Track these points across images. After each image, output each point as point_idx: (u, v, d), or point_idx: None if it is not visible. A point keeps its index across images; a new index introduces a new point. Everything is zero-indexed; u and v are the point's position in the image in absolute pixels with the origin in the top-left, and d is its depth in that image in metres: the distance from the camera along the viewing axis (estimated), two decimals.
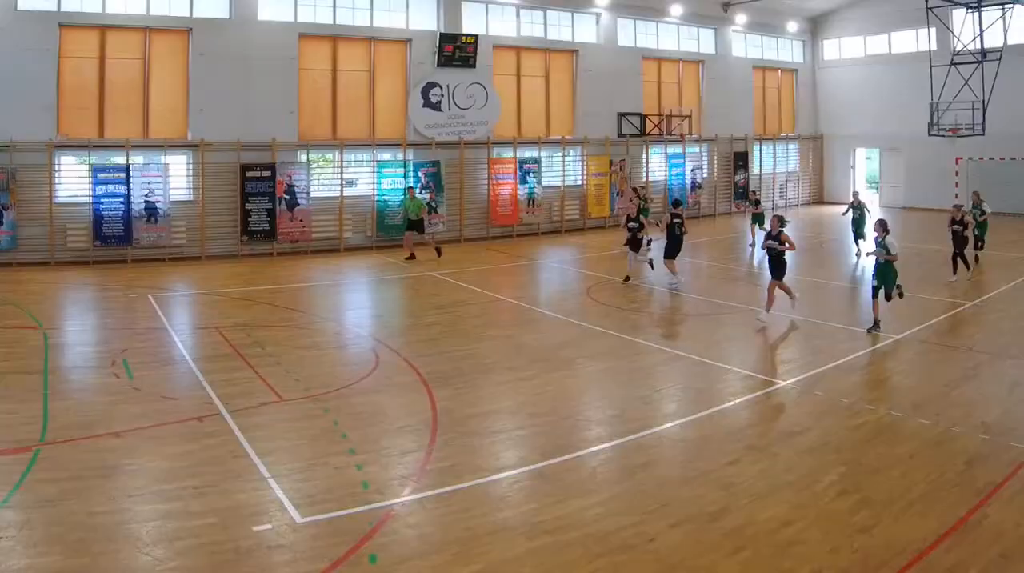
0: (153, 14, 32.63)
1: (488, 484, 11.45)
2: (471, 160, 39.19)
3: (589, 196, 42.59)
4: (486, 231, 39.29)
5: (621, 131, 44.00)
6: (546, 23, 41.98)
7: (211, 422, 13.64)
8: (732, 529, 9.96)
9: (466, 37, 38.53)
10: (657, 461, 12.36)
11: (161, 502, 10.65)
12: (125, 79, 32.44)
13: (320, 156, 36.42)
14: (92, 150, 31.57)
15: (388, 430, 13.59)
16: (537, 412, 14.45)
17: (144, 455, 12.26)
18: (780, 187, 51.67)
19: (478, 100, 39.39)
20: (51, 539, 9.57)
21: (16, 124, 29.80)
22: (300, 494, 10.93)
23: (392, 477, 11.65)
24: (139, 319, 22.02)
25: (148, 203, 31.98)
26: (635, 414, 14.38)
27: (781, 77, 52.37)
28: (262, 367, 16.93)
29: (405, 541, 9.81)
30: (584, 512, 10.43)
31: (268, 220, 34.04)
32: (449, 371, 16.90)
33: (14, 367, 16.74)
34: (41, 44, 30.50)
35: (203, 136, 32.97)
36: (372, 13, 37.11)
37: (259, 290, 26.52)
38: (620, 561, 9.25)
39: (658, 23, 45.95)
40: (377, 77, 37.45)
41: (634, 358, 18.10)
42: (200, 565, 9.16)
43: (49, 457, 11.94)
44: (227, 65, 33.46)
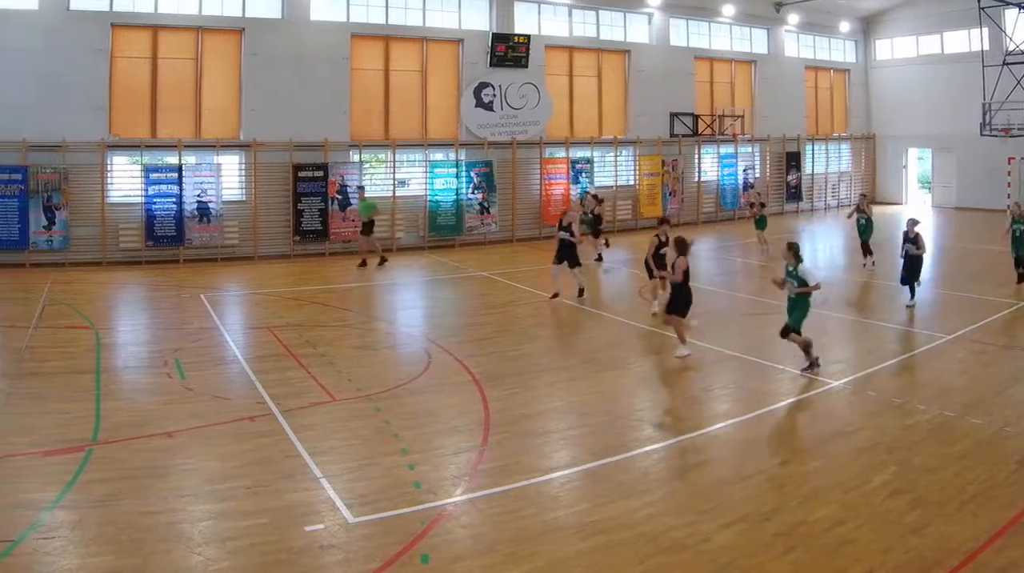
0: (205, 14, 31.39)
1: (540, 484, 11.10)
2: (523, 160, 37.60)
3: (641, 196, 40.76)
4: (538, 231, 37.57)
5: (673, 131, 42.10)
6: (598, 23, 40.19)
7: (263, 422, 13.26)
8: (784, 529, 9.66)
9: (518, 37, 36.95)
10: (709, 461, 12.01)
11: (213, 502, 10.38)
12: (177, 79, 31.19)
13: (372, 156, 35.08)
14: (144, 150, 30.41)
15: (440, 430, 13.18)
16: (589, 412, 14.02)
17: (196, 455, 11.98)
18: (832, 187, 49.55)
19: (530, 100, 37.71)
20: (103, 539, 9.32)
21: (68, 124, 28.68)
22: (352, 494, 10.59)
23: (444, 477, 11.32)
24: (191, 319, 21.21)
25: (200, 203, 30.76)
26: (687, 414, 14.15)
27: (833, 77, 50.07)
28: (314, 367, 16.38)
29: (457, 541, 9.52)
30: (636, 512, 10.12)
31: (320, 220, 32.74)
32: (501, 371, 16.37)
33: (67, 367, 16.28)
34: (93, 44, 29.30)
35: (255, 136, 31.66)
36: (424, 13, 35.61)
37: (311, 290, 25.54)
38: (672, 561, 8.98)
39: (710, 23, 43.97)
40: (429, 77, 35.90)
41: (686, 358, 17.23)
42: (252, 565, 8.93)
43: (101, 457, 11.62)
44: (279, 65, 32.14)
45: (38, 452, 11.71)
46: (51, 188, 28.63)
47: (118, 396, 14.64)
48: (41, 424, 12.94)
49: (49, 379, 15.62)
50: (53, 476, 10.93)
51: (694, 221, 42.54)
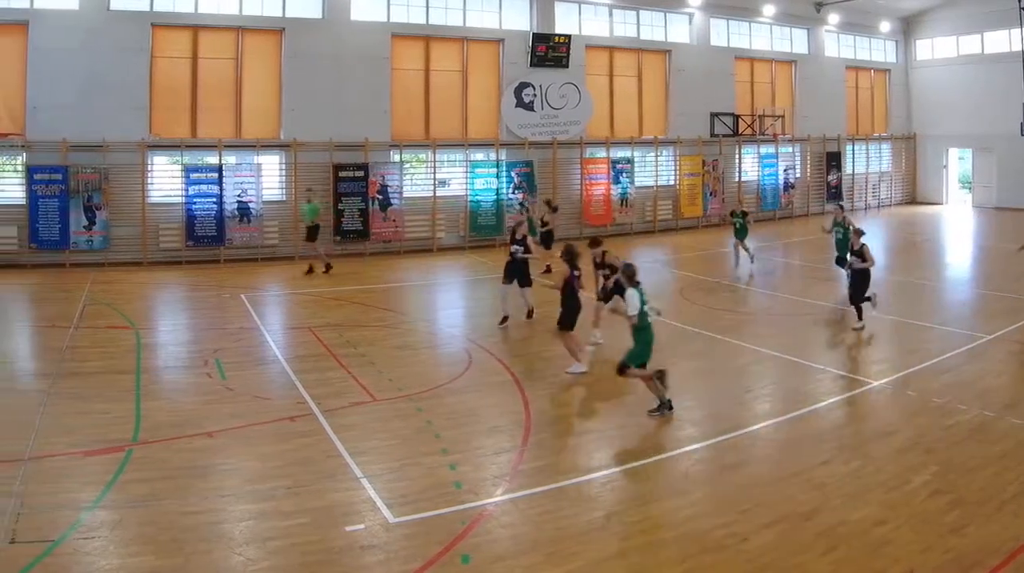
0: (246, 14, 30.39)
1: (581, 484, 10.82)
2: (564, 160, 36.31)
3: (682, 196, 39.33)
4: (579, 231, 35.97)
5: (714, 131, 40.64)
6: (639, 23, 38.77)
7: (304, 422, 12.99)
8: (824, 529, 9.44)
9: (559, 37, 35.69)
10: (749, 461, 11.70)
11: (253, 502, 10.18)
12: (217, 79, 30.21)
13: (413, 156, 33.95)
14: (184, 150, 29.50)
15: (481, 430, 12.90)
16: (629, 412, 13.60)
17: (236, 455, 11.75)
18: (873, 187, 47.86)
19: (571, 100, 36.39)
20: (143, 539, 9.16)
21: (109, 124, 27.79)
22: (393, 494, 10.36)
23: (485, 477, 11.06)
24: (232, 319, 20.65)
25: (241, 203, 29.79)
26: (727, 414, 13.62)
27: (874, 77, 48.30)
28: (355, 367, 15.98)
29: (498, 541, 9.31)
30: (677, 512, 9.95)
31: (361, 220, 31.66)
32: (542, 371, 16.09)
33: (107, 367, 15.95)
34: (134, 44, 28.38)
35: (295, 136, 30.63)
36: (465, 13, 34.42)
37: (352, 290, 24.68)
38: (712, 561, 8.80)
39: (751, 23, 42.39)
40: (470, 77, 34.69)
41: (727, 358, 17.10)
42: (292, 565, 8.75)
43: (141, 457, 11.42)
44: (319, 65, 31.08)
45: (78, 452, 11.46)
46: (91, 188, 27.76)
47: (158, 396, 14.33)
48: (81, 424, 12.65)
49: (89, 379, 15.20)
50: (93, 476, 10.72)
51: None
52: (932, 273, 28.57)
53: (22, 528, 9.23)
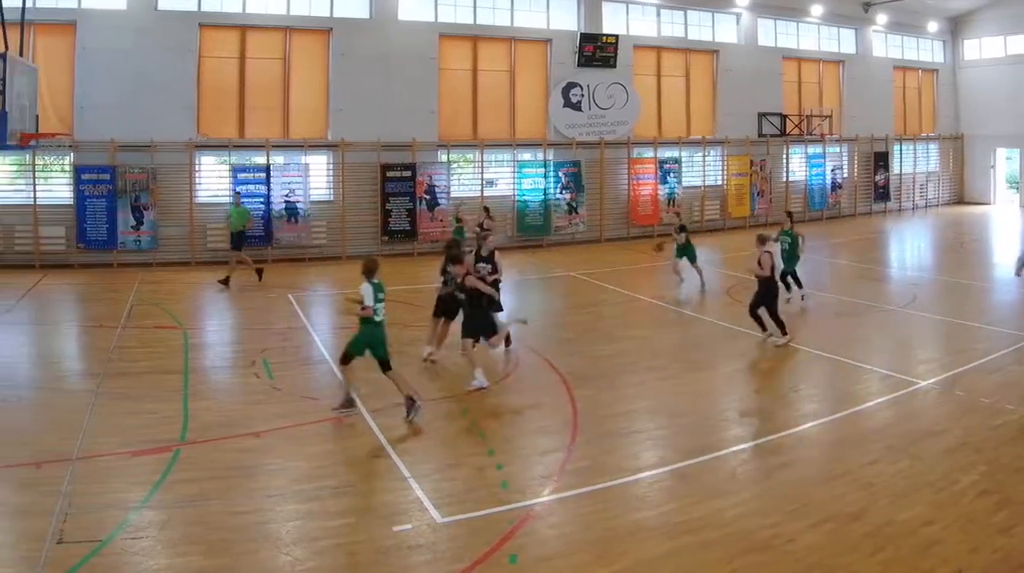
0: (293, 14, 29.05)
1: (628, 484, 10.42)
2: (611, 160, 34.60)
3: (729, 196, 37.50)
4: (626, 231, 34.70)
5: (762, 131, 38.69)
6: (686, 23, 36.92)
7: (352, 422, 12.51)
8: (872, 529, 9.07)
9: (607, 37, 33.97)
10: (796, 461, 11.20)
11: (301, 502, 9.83)
12: (265, 79, 28.92)
13: (460, 156, 32.37)
14: (232, 150, 28.28)
15: (528, 430, 12.54)
16: (676, 412, 13.25)
17: (284, 455, 11.33)
18: (920, 187, 45.61)
19: (618, 100, 34.64)
20: (191, 539, 8.86)
21: (156, 124, 26.65)
22: (440, 494, 9.99)
23: (532, 477, 10.67)
24: (279, 319, 19.87)
25: (288, 203, 28.49)
26: (774, 414, 13.20)
27: (921, 77, 45.90)
28: (402, 367, 14.48)
29: (545, 541, 9.02)
30: (724, 512, 9.52)
31: (408, 220, 30.23)
32: (589, 371, 15.31)
33: (155, 367, 15.44)
34: (181, 44, 27.19)
35: (343, 136, 29.29)
36: (512, 13, 32.83)
37: (399, 290, 22.82)
38: (760, 561, 8.45)
39: (798, 23, 40.33)
40: (517, 77, 33.05)
41: (773, 358, 16.35)
42: (340, 565, 8.51)
43: (189, 457, 11.07)
44: (367, 65, 29.68)
45: (126, 452, 11.10)
46: (139, 188, 26.62)
47: (206, 396, 13.86)
48: (129, 424, 12.24)
49: (137, 379, 14.68)
50: (141, 476, 10.37)
51: (782, 221, 38.97)
52: (980, 273, 26.91)
53: (70, 528, 8.89)
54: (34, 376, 15.32)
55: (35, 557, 8.29)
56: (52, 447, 11.15)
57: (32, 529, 8.87)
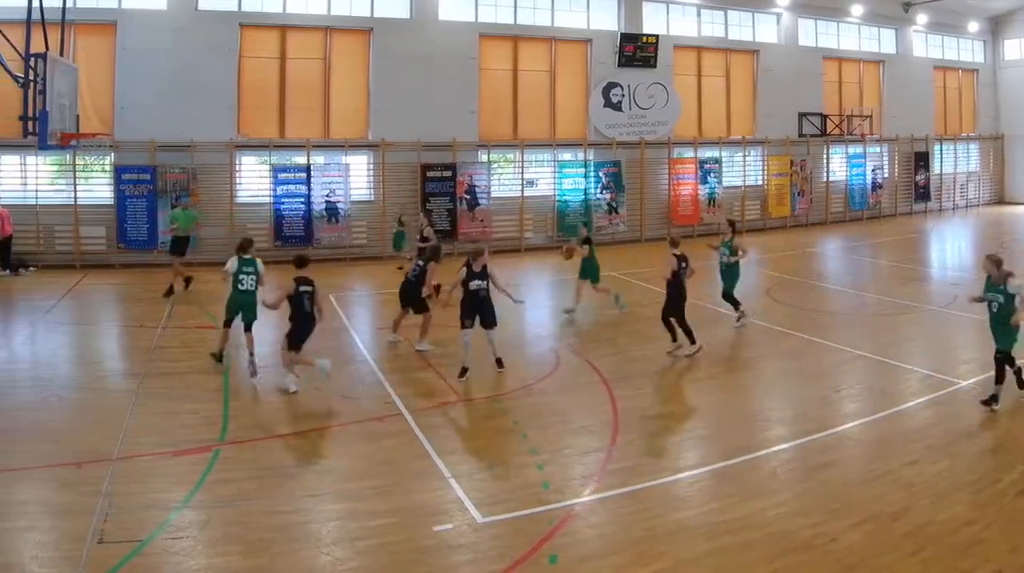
0: (334, 14, 27.73)
1: (668, 484, 10.04)
2: (652, 160, 32.90)
3: (770, 196, 35.66)
4: (667, 231, 32.54)
5: (802, 131, 36.78)
6: (727, 23, 35.12)
7: (392, 422, 12.05)
8: (912, 529, 8.71)
9: (647, 37, 32.32)
10: (837, 461, 10.71)
11: (341, 502, 9.51)
12: (306, 79, 27.62)
13: (501, 156, 30.84)
14: (272, 150, 26.97)
15: (569, 430, 11.89)
16: (718, 412, 12.78)
17: (324, 455, 11.02)
18: (961, 187, 43.45)
19: (658, 100, 32.97)
20: (231, 539, 8.55)
21: (197, 124, 25.47)
22: (481, 494, 9.63)
23: (573, 477, 10.26)
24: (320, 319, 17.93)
25: (329, 203, 27.20)
26: (815, 414, 12.54)
27: (962, 77, 43.67)
28: (443, 367, 14.78)
29: (585, 541, 8.67)
30: (765, 512, 9.16)
31: (449, 220, 28.78)
32: (629, 371, 14.72)
33: (195, 367, 14.84)
34: (222, 44, 25.98)
35: (384, 136, 27.94)
36: (553, 13, 31.26)
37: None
38: (801, 561, 8.11)
39: (839, 23, 38.33)
40: (558, 77, 31.45)
41: (815, 358, 15.63)
42: (380, 565, 8.12)
43: (229, 457, 10.69)
44: (408, 65, 28.29)
45: (167, 452, 10.73)
46: (179, 188, 25.41)
47: (246, 396, 13.37)
48: (170, 424, 11.82)
49: (178, 379, 14.11)
50: (182, 476, 10.03)
51: (823, 221, 37.44)
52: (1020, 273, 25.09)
53: (110, 528, 8.59)
54: (75, 376, 14.69)
55: (76, 557, 7.99)
56: (93, 447, 10.75)
57: (73, 529, 8.55)
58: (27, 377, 14.35)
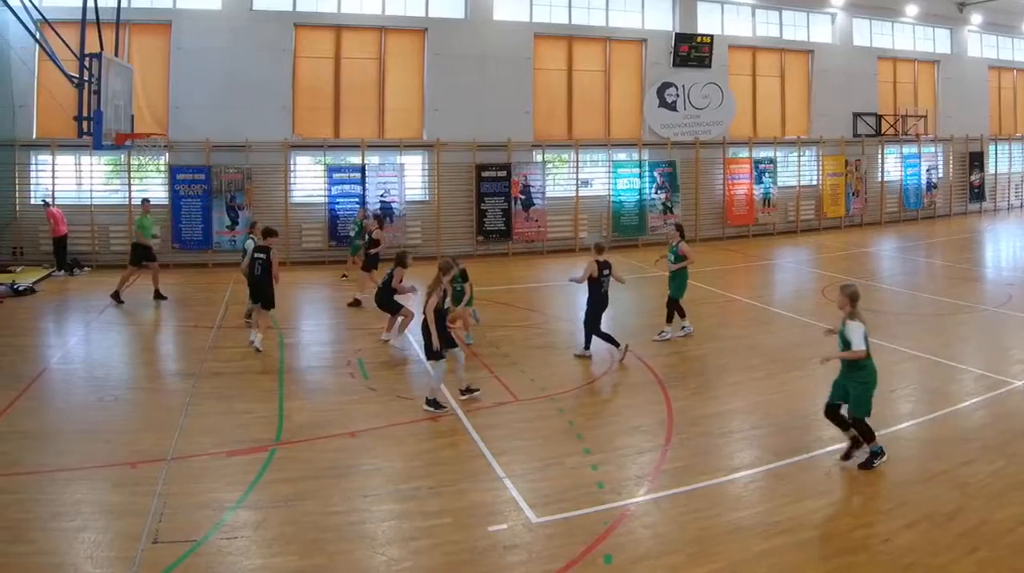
0: (389, 14, 25.67)
1: (723, 484, 9.26)
2: (706, 160, 30.41)
3: (825, 196, 32.89)
4: (721, 231, 30.56)
5: (856, 131, 33.96)
6: (781, 23, 32.42)
7: (446, 422, 11.36)
8: (967, 529, 8.04)
9: (702, 37, 29.85)
10: (892, 461, 9.71)
11: (396, 502, 8.87)
12: (360, 79, 25.60)
13: (555, 156, 28.54)
14: (327, 150, 25.00)
15: (623, 430, 11.19)
16: (772, 412, 11.82)
17: (379, 455, 10.25)
18: (1016, 187, 40.25)
19: (713, 100, 30.46)
20: (286, 538, 7.96)
21: (252, 124, 23.65)
22: (535, 494, 8.94)
23: (627, 477, 9.50)
24: (374, 319, 17.06)
25: (384, 203, 25.18)
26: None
27: (1016, 77, 40.30)
28: (497, 367, 13.91)
29: (640, 541, 8.00)
30: (818, 512, 8.53)
31: (503, 220, 26.65)
32: (684, 371, 13.91)
33: (250, 367, 13.97)
34: (276, 44, 24.10)
35: (439, 136, 25.85)
36: (608, 13, 28.93)
37: (494, 290, 20.74)
38: (855, 561, 7.50)
39: (893, 23, 35.37)
40: (612, 77, 29.09)
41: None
42: (435, 565, 7.54)
43: (284, 457, 10.05)
44: (462, 65, 26.20)
45: (221, 452, 10.10)
46: (234, 188, 23.64)
47: (301, 396, 12.48)
48: (225, 424, 11.14)
49: (232, 379, 13.27)
50: (236, 476, 9.43)
51: (878, 221, 34.70)
52: None
53: (165, 528, 8.09)
54: (130, 376, 13.82)
55: (130, 557, 7.51)
56: (148, 447, 10.17)
57: (128, 529, 8.04)
58: (82, 377, 13.46)
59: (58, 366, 14.00)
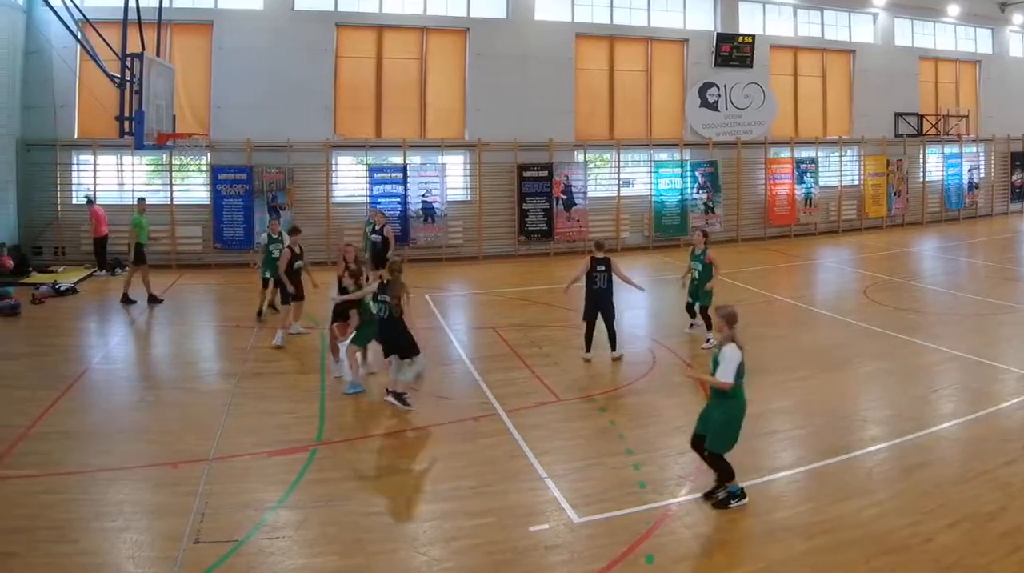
0: (430, 14, 24.06)
1: (764, 484, 8.60)
2: (748, 160, 28.37)
3: (866, 196, 30.69)
4: (763, 231, 28.53)
5: (898, 131, 31.74)
6: (823, 23, 30.31)
7: (488, 422, 10.57)
8: (1010, 529, 7.52)
9: (743, 37, 27.88)
10: (934, 461, 9.23)
11: (437, 502, 8.31)
12: (402, 79, 23.97)
13: (597, 156, 26.71)
14: (369, 150, 23.42)
15: (665, 430, 10.27)
16: (813, 412, 10.92)
17: (420, 455, 9.63)
18: None
19: (755, 100, 28.44)
20: (327, 538, 7.47)
21: (293, 124, 22.11)
22: (577, 494, 8.40)
23: (669, 477, 8.87)
24: (416, 319, 15.45)
25: (425, 203, 23.61)
26: (911, 414, 10.78)
27: None
28: (539, 367, 13.08)
29: (682, 541, 7.47)
30: (861, 512, 7.89)
31: (545, 220, 24.88)
32: None
33: (292, 367, 13.25)
34: (318, 44, 22.60)
35: (480, 136, 24.19)
36: (649, 13, 27.10)
37: (536, 290, 19.76)
38: (897, 561, 7.03)
39: (935, 23, 33.05)
40: (654, 77, 27.22)
41: (911, 358, 13.69)
42: (477, 565, 7.07)
43: (325, 457, 9.37)
44: (504, 65, 24.49)
45: (263, 452, 9.46)
46: (276, 188, 22.14)
47: (342, 396, 11.62)
48: (266, 424, 10.50)
49: (274, 379, 12.48)
50: (278, 476, 8.84)
51: (919, 221, 32.46)
52: None
53: (207, 528, 7.55)
54: (171, 376, 13.05)
55: (172, 557, 7.07)
56: (189, 447, 9.64)
57: (169, 529, 7.61)
58: (123, 377, 12.81)
59: (100, 366, 13.22)
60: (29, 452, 9.38)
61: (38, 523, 7.68)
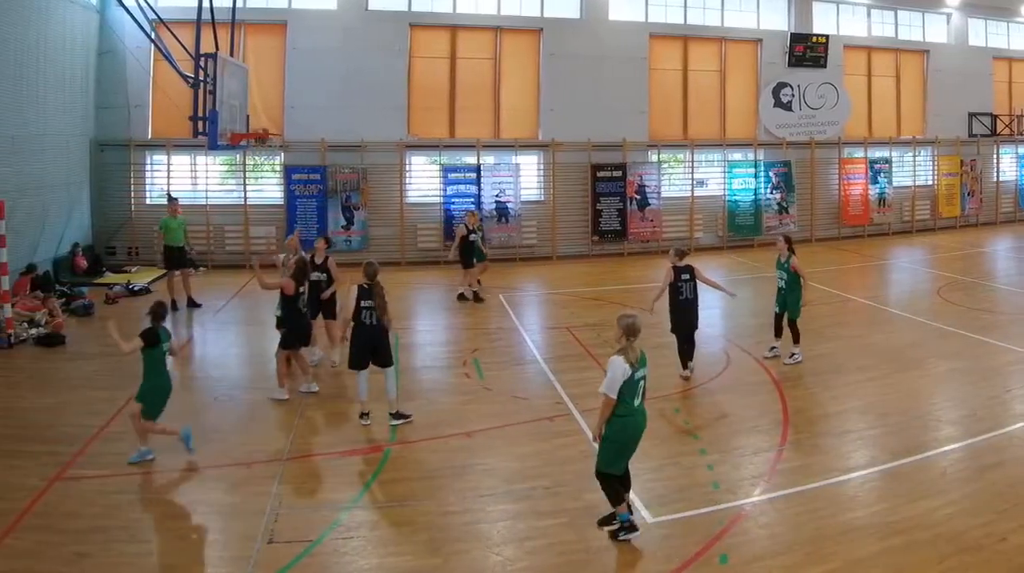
0: (504, 14, 21.16)
1: (838, 484, 7.58)
2: (822, 160, 24.76)
3: (940, 196, 26.83)
4: (837, 231, 24.91)
5: (972, 131, 27.90)
6: (896, 23, 26.61)
7: (562, 422, 9.30)
8: None
9: (817, 37, 24.33)
10: (1008, 461, 7.97)
11: (511, 502, 7.33)
12: (475, 79, 21.06)
13: (671, 156, 23.45)
14: (442, 150, 20.62)
15: (739, 430, 9.03)
16: (887, 412, 9.46)
17: (494, 455, 8.42)
18: None
19: (828, 100, 24.94)
20: (401, 538, 6.71)
21: (367, 124, 19.44)
22: (651, 494, 7.36)
23: (743, 477, 7.78)
24: (490, 319, 15.09)
25: (499, 203, 20.72)
26: (986, 414, 9.34)
27: None
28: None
29: (756, 541, 6.58)
30: (934, 512, 6.95)
31: (619, 220, 21.77)
32: (800, 371, 11.14)
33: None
34: (392, 44, 19.85)
35: (554, 136, 21.18)
36: (723, 13, 23.84)
37: (610, 290, 17.50)
38: (970, 561, 6.17)
39: (1008, 23, 28.92)
40: (727, 77, 23.97)
41: (985, 358, 11.64)
42: (550, 565, 6.30)
43: (399, 457, 8.35)
44: (577, 65, 21.38)
45: (336, 453, 8.38)
46: (350, 188, 19.50)
47: (416, 396, 10.21)
48: (339, 424, 9.28)
49: (348, 379, 10.43)
50: (352, 476, 7.86)
51: (993, 221, 28.60)
52: None
53: (280, 528, 6.69)
54: (245, 376, 11.64)
55: (246, 557, 6.23)
56: (263, 447, 8.53)
57: (243, 529, 6.67)
58: (197, 377, 11.52)
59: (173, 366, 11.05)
60: (103, 452, 8.39)
61: (111, 523, 6.86)
